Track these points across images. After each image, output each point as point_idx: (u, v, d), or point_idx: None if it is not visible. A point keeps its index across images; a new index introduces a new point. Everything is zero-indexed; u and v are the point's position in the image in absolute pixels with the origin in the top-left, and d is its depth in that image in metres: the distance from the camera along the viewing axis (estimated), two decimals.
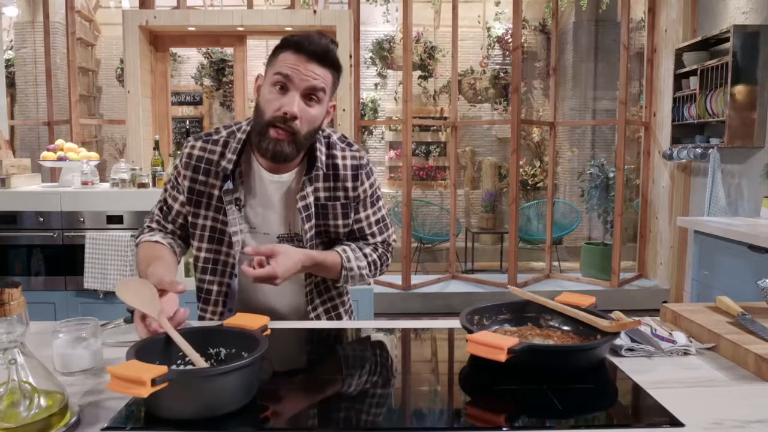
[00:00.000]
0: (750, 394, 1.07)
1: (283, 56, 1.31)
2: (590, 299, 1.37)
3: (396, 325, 1.57)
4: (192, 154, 1.42)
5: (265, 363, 1.15)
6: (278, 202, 1.44)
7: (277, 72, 1.29)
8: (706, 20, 4.86)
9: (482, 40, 8.11)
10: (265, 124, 1.31)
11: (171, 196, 1.49)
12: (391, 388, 1.14)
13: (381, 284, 5.18)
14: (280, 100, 1.29)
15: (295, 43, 1.29)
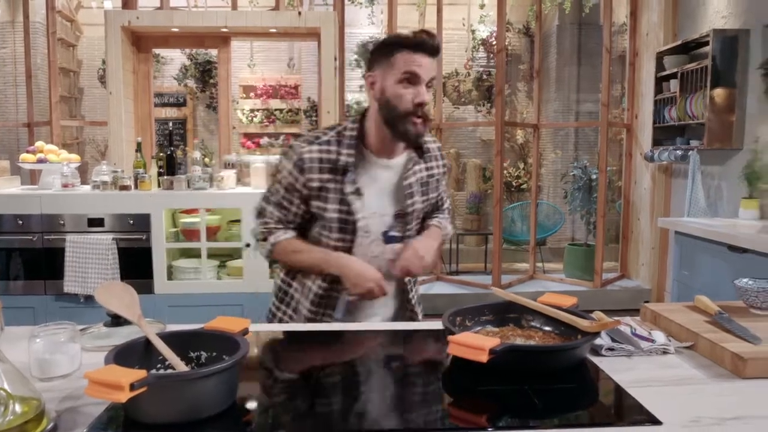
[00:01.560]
0: (727, 391, 1.09)
1: (402, 56, 1.48)
2: (572, 300, 1.39)
3: (380, 327, 1.57)
4: (311, 157, 1.55)
5: (247, 365, 1.15)
6: (390, 184, 1.62)
7: (406, 71, 1.48)
8: (687, 24, 4.93)
9: (467, 43, 8.14)
10: (404, 115, 1.49)
11: (286, 200, 1.61)
12: (373, 389, 1.14)
13: None
14: (411, 93, 1.48)
15: (413, 43, 1.48)
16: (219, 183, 3.50)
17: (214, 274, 3.53)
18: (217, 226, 3.59)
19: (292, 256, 1.61)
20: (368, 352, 1.37)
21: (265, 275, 3.43)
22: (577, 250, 5.61)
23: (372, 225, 1.60)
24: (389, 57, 1.49)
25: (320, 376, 1.17)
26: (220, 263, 3.61)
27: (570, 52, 7.73)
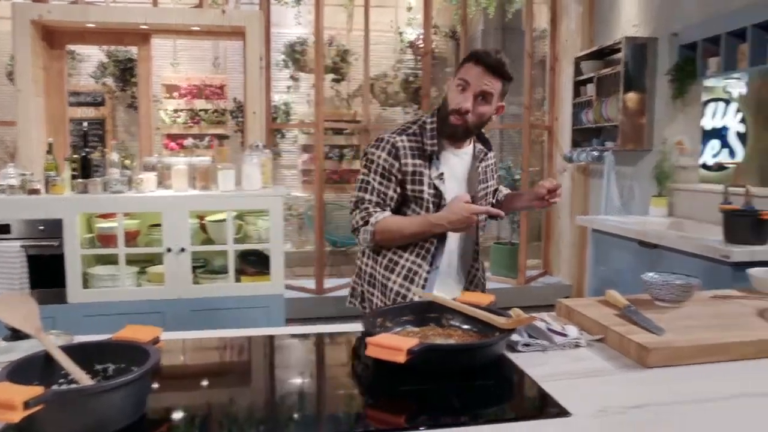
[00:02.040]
0: (632, 381, 1.14)
1: (467, 66, 1.73)
2: (489, 298, 1.42)
3: (302, 330, 1.55)
4: (404, 145, 1.78)
5: (160, 375, 1.11)
6: (461, 171, 1.86)
7: (461, 78, 1.72)
8: (602, 31, 5.16)
9: (395, 45, 8.20)
10: (448, 113, 1.75)
11: (382, 185, 1.78)
12: (293, 394, 1.12)
13: (293, 289, 5.12)
14: (459, 98, 1.72)
15: (476, 56, 1.72)
16: (138, 186, 3.37)
17: (133, 280, 3.39)
18: (137, 231, 3.45)
19: (395, 229, 1.77)
20: (288, 357, 1.35)
21: (187, 281, 3.34)
22: (502, 248, 5.76)
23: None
24: (462, 65, 1.77)
25: (235, 383, 1.15)
26: (140, 269, 3.47)
27: None
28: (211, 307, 3.39)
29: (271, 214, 3.49)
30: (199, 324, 3.27)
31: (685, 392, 1.08)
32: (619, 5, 4.85)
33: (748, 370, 1.19)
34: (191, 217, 3.42)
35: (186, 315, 3.32)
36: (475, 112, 1.73)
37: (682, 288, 1.49)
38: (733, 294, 1.68)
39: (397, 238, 1.79)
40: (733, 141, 5.52)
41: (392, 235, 1.77)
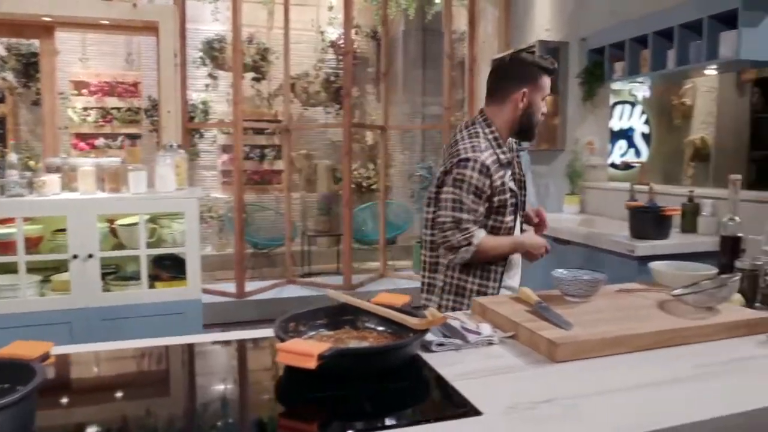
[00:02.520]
0: (541, 376, 1.16)
1: (545, 80, 1.95)
2: (404, 298, 1.41)
3: (214, 337, 1.49)
4: (488, 165, 1.88)
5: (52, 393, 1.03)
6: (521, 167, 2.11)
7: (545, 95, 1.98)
8: (517, 34, 5.31)
9: (316, 44, 8.14)
10: (536, 124, 2.00)
11: (475, 203, 1.89)
12: (203, 403, 1.07)
13: (212, 293, 4.97)
14: (544, 107, 2.00)
15: (550, 70, 1.96)
16: (40, 188, 3.16)
17: (36, 290, 3.17)
18: (39, 237, 3.24)
19: (490, 248, 1.92)
20: (199, 364, 1.29)
21: (96, 288, 3.16)
22: None
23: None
24: (537, 79, 1.92)
25: (135, 396, 1.08)
26: (44, 278, 3.26)
27: (415, 56, 8.03)
28: (123, 315, 3.23)
29: (187, 217, 3.36)
30: (110, 334, 3.11)
31: (591, 385, 1.11)
32: (533, 10, 5.01)
33: (648, 360, 1.24)
34: (100, 221, 3.24)
35: (96, 325, 3.15)
36: None
37: (589, 283, 1.54)
38: (637, 287, 1.76)
39: (491, 256, 1.96)
40: (639, 141, 5.83)
41: (487, 255, 1.94)
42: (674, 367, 1.20)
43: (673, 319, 1.39)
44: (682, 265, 1.79)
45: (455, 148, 1.92)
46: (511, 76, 1.95)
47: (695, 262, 1.86)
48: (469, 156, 1.86)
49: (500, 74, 1.99)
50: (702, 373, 1.17)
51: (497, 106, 1.96)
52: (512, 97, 1.92)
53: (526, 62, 1.95)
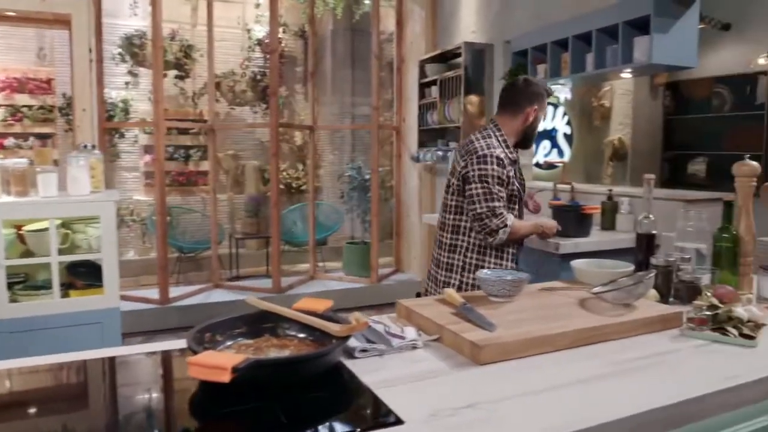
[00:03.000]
0: (465, 379, 1.15)
1: (546, 102, 2.38)
2: (326, 303, 1.37)
3: (123, 351, 1.39)
4: (501, 158, 2.23)
5: None
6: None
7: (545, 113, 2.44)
8: (444, 36, 5.36)
9: (243, 42, 7.95)
10: (536, 135, 2.43)
11: (500, 191, 2.23)
12: (110, 421, 0.99)
13: (133, 300, 4.76)
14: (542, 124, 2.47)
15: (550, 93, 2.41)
16: None
17: None
18: None
19: (519, 228, 2.29)
20: (104, 381, 1.20)
21: (2, 299, 2.94)
22: (355, 248, 5.80)
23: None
24: (543, 99, 2.35)
25: (43, 416, 0.99)
26: None
27: (344, 56, 7.98)
28: (34, 327, 3.03)
29: (102, 221, 3.19)
30: (18, 348, 2.90)
31: (514, 387, 1.10)
32: (459, 12, 5.07)
33: (569, 358, 1.25)
34: (5, 226, 3.02)
35: (2, 338, 2.93)
36: None
37: (512, 283, 1.54)
38: (559, 285, 1.79)
39: (519, 236, 2.33)
40: (562, 142, 6.01)
41: (516, 234, 2.29)
42: (595, 364, 1.21)
43: (594, 317, 1.41)
44: (602, 262, 1.83)
45: (472, 146, 2.27)
46: (526, 94, 2.32)
47: (615, 258, 1.91)
48: (486, 153, 2.21)
49: (516, 91, 2.35)
50: (622, 369, 1.19)
51: (509, 116, 2.33)
52: (525, 111, 2.31)
53: (538, 85, 2.37)
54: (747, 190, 1.76)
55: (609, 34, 3.49)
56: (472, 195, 2.22)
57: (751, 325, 1.38)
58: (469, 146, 2.28)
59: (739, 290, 1.68)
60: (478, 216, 2.22)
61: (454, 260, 2.35)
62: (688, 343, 1.36)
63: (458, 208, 2.33)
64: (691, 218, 1.83)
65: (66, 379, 1.23)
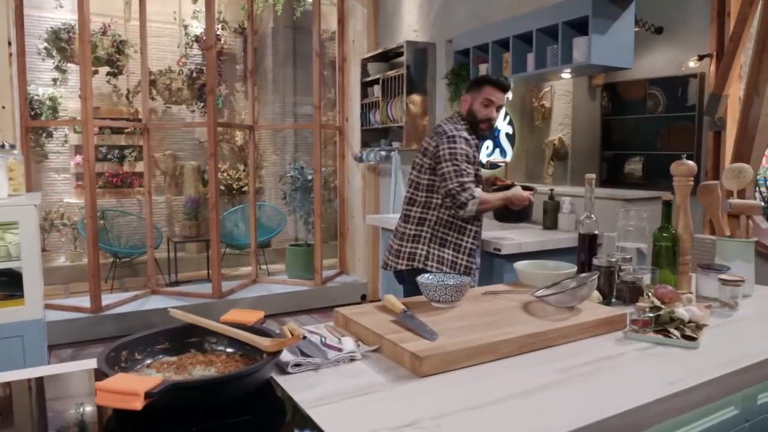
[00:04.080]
0: (406, 394, 1.08)
1: (488, 88, 2.57)
2: (257, 315, 1.27)
3: (30, 374, 1.26)
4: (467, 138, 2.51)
5: None
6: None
7: (486, 98, 2.55)
8: (386, 34, 5.31)
9: (180, 38, 7.68)
10: (478, 122, 2.57)
11: (469, 167, 2.46)
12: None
13: (62, 309, 4.50)
14: (486, 111, 2.57)
15: (496, 83, 2.58)
16: None
17: None
18: None
19: (487, 200, 2.49)
20: (10, 404, 1.08)
21: None
22: (298, 250, 5.68)
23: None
24: (482, 87, 2.57)
25: None
26: None
27: (285, 54, 7.82)
28: None
29: (22, 226, 2.97)
30: None
31: (457, 400, 1.04)
32: (401, 10, 5.03)
33: (513, 366, 1.20)
34: None
35: None
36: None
37: (455, 288, 1.49)
38: (503, 288, 1.74)
39: (488, 207, 2.54)
40: (504, 142, 6.06)
41: (486, 206, 2.50)
42: (540, 372, 1.17)
43: (537, 322, 1.37)
44: (544, 263, 1.80)
45: (440, 128, 2.55)
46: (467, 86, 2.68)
47: (557, 258, 1.89)
48: (454, 134, 2.47)
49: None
50: (568, 377, 1.15)
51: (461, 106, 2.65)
52: (462, 100, 2.64)
53: (477, 77, 2.67)
54: (684, 190, 1.77)
55: (549, 35, 3.51)
56: (444, 173, 2.45)
57: (692, 325, 1.36)
58: (437, 129, 2.58)
59: (678, 289, 1.69)
60: (449, 192, 2.43)
61: (421, 233, 2.57)
62: (632, 346, 1.33)
63: (430, 186, 2.55)
64: (631, 218, 1.82)
65: None
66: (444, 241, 2.55)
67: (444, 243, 2.55)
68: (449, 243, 2.55)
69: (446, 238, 2.55)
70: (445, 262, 2.55)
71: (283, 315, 5.01)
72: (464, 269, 2.58)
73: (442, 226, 2.55)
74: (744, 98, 2.95)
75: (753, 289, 1.80)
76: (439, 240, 2.55)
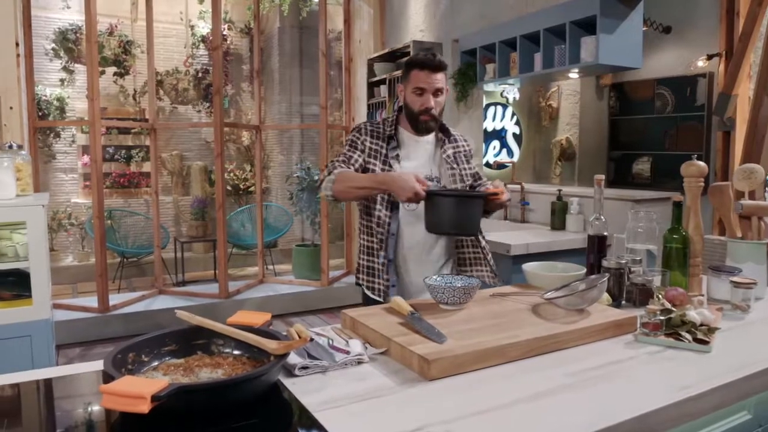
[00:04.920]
0: (414, 398, 1.07)
1: (414, 73, 2.01)
2: (265, 317, 1.27)
3: (38, 375, 1.25)
4: (366, 128, 2.10)
5: None
6: (423, 155, 2.10)
7: (415, 87, 2.00)
8: (393, 34, 5.30)
9: (186, 39, 7.70)
10: (417, 114, 2.03)
11: (351, 151, 2.07)
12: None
13: (70, 309, 4.51)
14: (421, 100, 2.01)
15: (420, 63, 2.00)
16: None
17: None
18: None
19: (348, 181, 1.97)
20: (17, 406, 1.07)
21: None
22: (305, 250, 5.67)
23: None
24: (409, 73, 2.03)
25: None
26: None
27: (292, 54, 7.83)
28: None
29: (30, 226, 2.97)
30: None
31: (466, 405, 1.03)
32: (407, 10, 5.02)
33: (523, 370, 1.19)
34: None
35: None
36: (436, 105, 2.04)
37: (463, 290, 1.47)
38: (511, 290, 1.73)
39: (352, 188, 1.97)
40: (511, 142, 6.04)
41: (346, 185, 1.97)
42: (550, 376, 1.15)
43: (547, 325, 1.35)
44: (553, 265, 1.79)
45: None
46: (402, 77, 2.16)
47: (565, 259, 1.88)
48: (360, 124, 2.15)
49: None
50: (578, 381, 1.13)
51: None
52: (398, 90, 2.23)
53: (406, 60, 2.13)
54: (695, 191, 1.75)
55: (556, 34, 3.49)
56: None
57: (704, 329, 1.35)
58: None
59: (689, 292, 1.67)
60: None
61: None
62: (642, 349, 1.31)
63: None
64: (641, 219, 1.80)
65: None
66: (362, 247, 2.12)
67: (364, 249, 2.12)
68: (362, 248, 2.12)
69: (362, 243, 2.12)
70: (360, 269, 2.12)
71: (290, 315, 5.00)
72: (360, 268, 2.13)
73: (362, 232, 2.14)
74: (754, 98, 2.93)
75: (765, 291, 1.78)
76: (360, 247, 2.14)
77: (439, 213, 1.80)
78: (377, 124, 2.13)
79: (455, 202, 1.80)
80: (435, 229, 1.85)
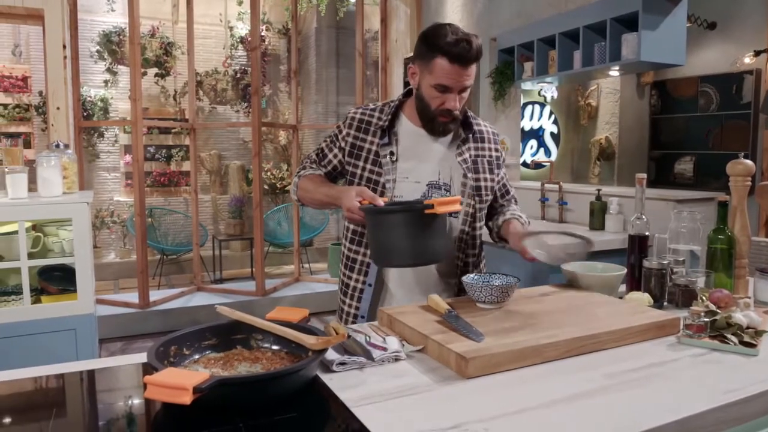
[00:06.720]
0: (451, 396, 1.06)
1: (440, 63, 1.51)
2: (303, 312, 1.28)
3: (82, 366, 1.29)
4: (354, 117, 1.70)
5: None
6: (430, 154, 1.67)
7: (438, 83, 1.53)
8: None
9: (225, 40, 7.83)
10: (433, 115, 1.60)
11: (328, 147, 1.75)
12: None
13: (112, 304, 4.64)
14: (442, 99, 1.56)
15: (450, 54, 1.49)
16: None
17: None
18: None
19: (306, 191, 1.71)
20: (62, 397, 1.11)
21: None
22: (340, 249, 5.71)
23: (401, 189, 1.65)
24: (432, 60, 1.53)
25: None
26: None
27: (329, 54, 7.89)
28: (3, 335, 2.90)
29: (75, 223, 3.06)
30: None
31: (504, 404, 1.02)
32: (444, 9, 5.00)
33: (561, 370, 1.17)
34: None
35: None
36: (460, 102, 1.60)
37: (500, 289, 1.46)
38: (549, 290, 1.71)
39: (309, 197, 1.72)
40: (548, 141, 5.96)
41: (305, 193, 1.72)
42: (589, 377, 1.14)
43: (585, 325, 1.33)
44: (594, 265, 1.76)
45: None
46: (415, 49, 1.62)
47: (604, 260, 1.84)
48: (351, 108, 1.77)
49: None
50: (617, 382, 1.11)
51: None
52: (409, 74, 1.64)
53: (428, 36, 1.55)
54: (742, 190, 1.70)
55: (596, 32, 3.43)
56: None
57: (751, 332, 1.31)
58: None
59: (735, 293, 1.62)
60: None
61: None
62: (685, 351, 1.28)
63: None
64: (684, 219, 1.76)
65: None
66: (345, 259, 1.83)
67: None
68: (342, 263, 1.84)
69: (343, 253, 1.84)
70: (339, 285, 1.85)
71: (326, 314, 5.04)
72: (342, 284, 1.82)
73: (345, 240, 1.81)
74: None
75: None
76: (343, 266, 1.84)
77: (380, 238, 1.40)
78: (370, 111, 1.70)
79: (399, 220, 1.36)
80: (381, 260, 1.49)
